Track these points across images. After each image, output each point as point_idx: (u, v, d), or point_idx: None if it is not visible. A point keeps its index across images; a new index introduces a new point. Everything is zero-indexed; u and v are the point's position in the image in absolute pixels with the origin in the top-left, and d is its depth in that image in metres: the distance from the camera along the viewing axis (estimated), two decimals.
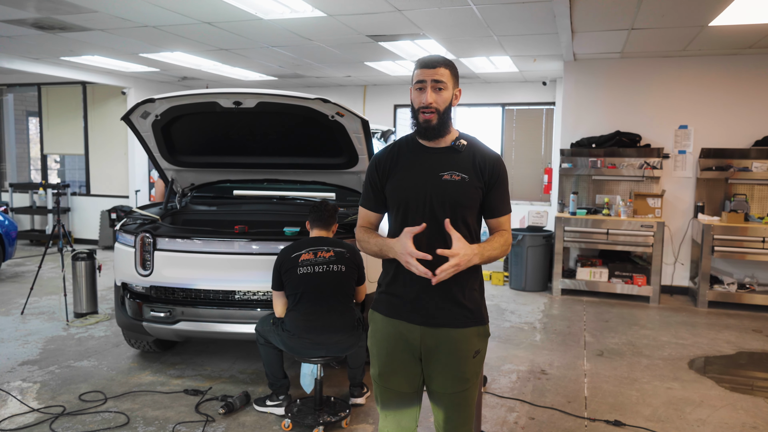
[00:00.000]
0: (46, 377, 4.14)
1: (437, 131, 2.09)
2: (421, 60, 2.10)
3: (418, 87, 2.08)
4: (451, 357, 2.10)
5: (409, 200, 2.11)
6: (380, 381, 2.19)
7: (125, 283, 4.12)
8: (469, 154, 2.13)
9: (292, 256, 3.38)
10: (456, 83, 2.13)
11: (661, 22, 5.14)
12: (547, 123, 9.09)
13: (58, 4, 4.83)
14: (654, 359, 4.75)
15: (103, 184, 9.93)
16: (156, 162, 4.57)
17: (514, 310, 6.17)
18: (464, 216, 2.10)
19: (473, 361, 2.14)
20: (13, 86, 10.31)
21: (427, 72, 2.06)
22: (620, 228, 6.54)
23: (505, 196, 2.17)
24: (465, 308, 2.10)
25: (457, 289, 2.08)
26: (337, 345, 3.34)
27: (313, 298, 3.34)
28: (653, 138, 6.92)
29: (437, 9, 4.80)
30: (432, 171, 2.10)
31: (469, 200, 2.09)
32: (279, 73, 8.68)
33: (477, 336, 2.14)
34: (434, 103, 2.06)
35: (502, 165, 2.17)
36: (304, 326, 3.31)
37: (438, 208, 2.07)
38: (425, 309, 2.09)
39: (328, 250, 3.42)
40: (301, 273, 3.34)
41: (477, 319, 2.13)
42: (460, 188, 2.08)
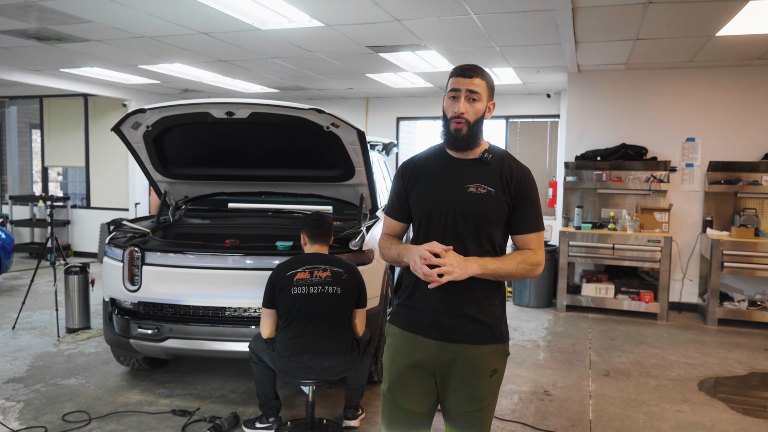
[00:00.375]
0: (30, 396, 4.00)
1: (466, 142, 2.04)
2: (459, 68, 2.05)
3: (451, 95, 2.04)
4: (467, 375, 2.03)
5: (432, 211, 2.06)
6: (390, 396, 2.11)
7: (113, 299, 4.00)
8: (497, 167, 2.07)
9: (287, 274, 3.23)
10: (491, 96, 2.08)
11: (667, 32, 5.01)
12: (551, 136, 8.96)
13: (53, 14, 4.76)
14: (662, 380, 4.57)
15: (104, 196, 9.86)
16: (148, 174, 4.46)
17: (517, 327, 5.99)
18: (488, 231, 2.04)
19: (490, 380, 2.06)
20: (16, 98, 10.29)
21: (463, 81, 2.01)
22: (626, 243, 6.37)
23: (533, 212, 2.08)
24: (483, 324, 2.03)
25: (476, 304, 2.02)
26: (328, 370, 3.18)
27: (305, 320, 3.18)
28: (660, 151, 6.77)
29: (437, 18, 4.70)
30: (457, 183, 2.05)
31: (494, 215, 2.03)
32: (280, 86, 8.61)
33: (495, 354, 2.06)
34: (466, 114, 2.01)
35: (531, 179, 2.10)
36: (294, 349, 3.16)
37: (461, 221, 2.02)
38: (442, 324, 2.03)
39: (325, 270, 3.25)
40: (295, 293, 3.19)
41: (496, 336, 2.06)
42: (485, 202, 2.02)
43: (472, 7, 4.39)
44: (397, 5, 4.34)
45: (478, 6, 4.35)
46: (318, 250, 3.36)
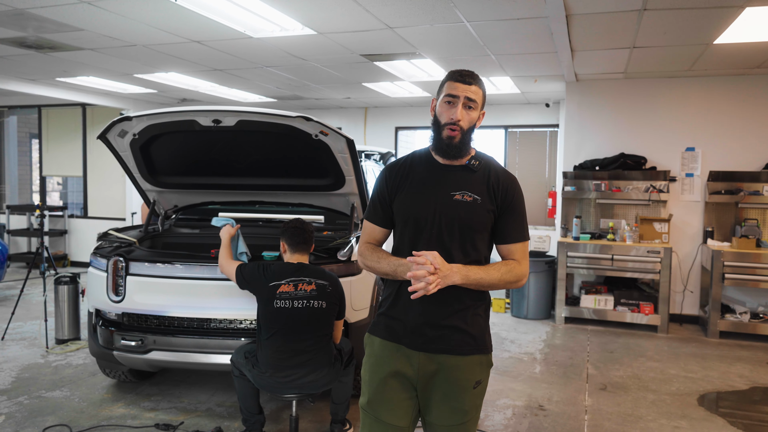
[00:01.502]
0: (12, 408, 3.92)
1: (458, 150, 1.99)
2: (458, 72, 1.98)
3: (447, 100, 1.96)
4: (449, 386, 1.98)
5: (417, 218, 2.00)
6: (369, 410, 2.03)
7: (98, 310, 3.92)
8: (484, 175, 2.02)
9: (270, 284, 3.15)
10: (484, 104, 2.04)
11: (664, 40, 4.95)
12: (551, 145, 8.88)
13: (44, 23, 4.73)
14: (661, 394, 4.46)
15: (101, 206, 9.82)
16: (136, 183, 4.40)
17: (514, 339, 5.89)
18: (473, 239, 1.99)
19: (473, 392, 2.00)
20: (15, 108, 10.29)
21: (462, 87, 1.95)
22: (626, 254, 6.27)
23: (519, 221, 2.04)
24: (467, 334, 1.98)
25: (460, 314, 1.97)
26: (311, 384, 3.10)
27: (287, 335, 3.09)
28: (659, 160, 6.69)
29: (429, 26, 4.64)
30: (443, 190, 2.00)
31: (480, 223, 1.99)
32: (278, 95, 8.57)
33: (479, 365, 2.01)
34: (461, 121, 1.95)
35: (517, 188, 2.06)
36: (276, 364, 3.07)
37: (446, 228, 1.97)
38: (425, 334, 1.97)
39: (310, 283, 3.16)
40: (278, 306, 3.09)
41: (480, 346, 2.01)
42: (471, 210, 1.97)
43: (464, 15, 4.34)
44: (388, 12, 4.29)
45: (470, 13, 4.29)
46: (299, 259, 3.28)
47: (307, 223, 3.40)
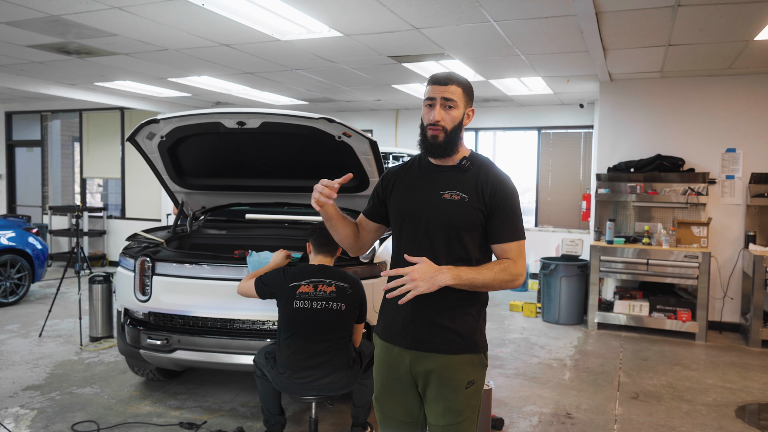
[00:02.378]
0: (45, 404, 4.03)
1: (443, 149, 2.03)
2: (433, 76, 2.05)
3: (428, 104, 2.04)
4: (442, 386, 2.01)
5: (406, 216, 2.07)
6: (378, 405, 2.16)
7: (126, 309, 4.00)
8: (474, 174, 2.05)
9: (290, 284, 3.15)
10: (469, 102, 2.07)
11: (700, 37, 4.77)
12: (585, 147, 8.70)
13: (79, 28, 4.86)
14: (696, 405, 4.29)
15: (138, 207, 10.05)
16: (165, 184, 4.48)
17: (544, 345, 5.76)
18: (461, 238, 2.00)
19: (466, 392, 2.01)
20: (58, 112, 10.64)
21: (438, 89, 2.02)
22: (662, 258, 6.08)
23: (512, 220, 2.04)
24: (455, 333, 2.00)
25: (447, 312, 1.99)
26: (329, 386, 3.08)
27: (305, 336, 3.08)
28: (698, 162, 6.46)
29: (456, 26, 4.59)
30: (433, 189, 2.05)
31: (467, 222, 2.00)
32: (309, 98, 8.63)
33: (471, 365, 2.02)
34: (442, 121, 2.00)
35: (507, 187, 2.05)
36: (294, 366, 3.06)
37: (433, 227, 2.02)
38: (413, 332, 2.02)
39: (330, 284, 3.14)
40: (297, 307, 3.09)
41: (469, 345, 2.02)
42: (459, 208, 2.00)
43: (491, 14, 4.27)
44: (413, 13, 4.26)
45: (496, 12, 4.22)
46: (322, 261, 3.27)
47: None
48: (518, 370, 4.98)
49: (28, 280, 7.12)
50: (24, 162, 11.20)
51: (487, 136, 9.46)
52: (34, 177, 11.05)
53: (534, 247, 8.69)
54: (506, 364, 5.13)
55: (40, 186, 10.99)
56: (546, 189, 8.97)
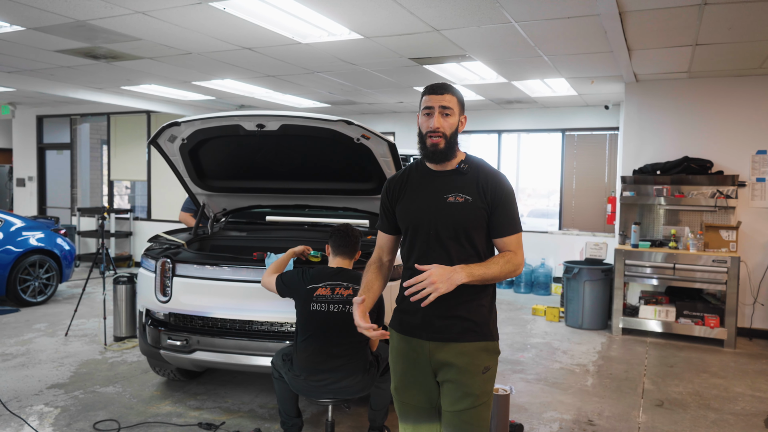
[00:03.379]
0: (68, 402, 4.10)
1: (444, 155, 2.16)
2: (429, 86, 2.18)
3: (426, 113, 2.16)
4: (459, 373, 2.12)
5: (416, 223, 2.18)
6: (397, 395, 2.27)
7: (148, 309, 4.05)
8: (474, 176, 2.18)
9: (307, 287, 3.15)
10: (462, 111, 2.22)
11: (729, 36, 4.66)
12: (610, 149, 8.56)
13: (104, 33, 4.95)
14: (723, 414, 4.17)
15: (164, 209, 10.20)
16: (187, 186, 4.52)
17: (566, 350, 5.67)
18: (470, 236, 2.14)
19: (483, 377, 2.14)
20: (86, 116, 10.86)
21: (435, 98, 2.14)
22: (689, 263, 5.94)
23: (510, 215, 2.18)
24: (470, 322, 2.13)
25: (462, 304, 2.12)
26: (345, 389, 3.07)
27: (322, 339, 3.08)
28: (727, 164, 6.30)
29: (477, 28, 4.56)
30: (437, 193, 2.17)
31: (474, 221, 2.14)
32: (331, 100, 8.66)
33: (485, 351, 2.16)
34: (441, 128, 2.13)
35: (505, 184, 2.20)
36: (311, 368, 3.06)
37: (443, 229, 2.13)
38: (433, 324, 2.14)
39: (347, 288, 3.13)
40: (314, 309, 3.09)
41: (484, 333, 2.16)
42: (464, 210, 2.13)
43: (511, 15, 4.23)
44: (433, 15, 4.24)
45: (517, 13, 4.18)
46: (340, 264, 3.26)
47: (353, 228, 3.38)
48: (539, 375, 4.90)
49: (56, 280, 7.27)
50: (54, 164, 11.46)
51: (510, 138, 9.37)
52: (64, 179, 11.30)
53: (558, 250, 8.58)
54: (527, 369, 5.06)
55: (69, 188, 11.23)
56: (570, 192, 8.85)
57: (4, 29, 4.93)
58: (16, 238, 6.89)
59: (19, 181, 11.61)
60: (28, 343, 5.49)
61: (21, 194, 11.63)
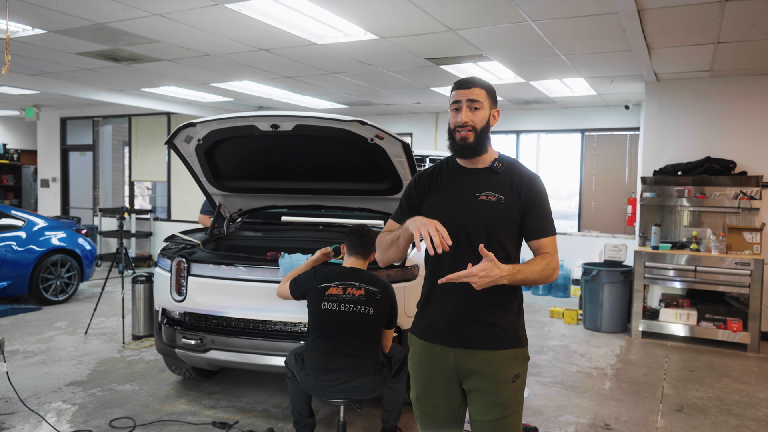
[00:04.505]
0: (86, 399, 4.15)
1: (473, 149, 2.08)
2: (457, 81, 2.12)
3: (454, 108, 2.10)
4: (488, 381, 2.04)
5: (445, 220, 2.04)
6: (418, 404, 2.18)
7: (164, 309, 4.08)
8: (507, 175, 2.11)
9: (319, 286, 3.15)
10: (493, 104, 2.13)
11: (752, 33, 4.56)
12: (631, 150, 8.43)
13: (123, 35, 5.02)
14: (745, 419, 4.08)
15: (183, 209, 10.31)
16: (203, 187, 4.56)
17: (584, 353, 5.60)
18: (500, 238, 2.07)
19: (513, 385, 2.06)
20: (109, 118, 11.03)
21: (462, 92, 2.08)
22: (711, 265, 5.82)
23: (546, 217, 2.12)
24: (500, 328, 2.05)
25: (491, 309, 2.04)
26: (356, 390, 3.06)
27: (333, 339, 3.07)
28: (750, 165, 6.17)
29: (492, 27, 4.52)
30: (468, 192, 2.10)
31: (506, 221, 2.07)
32: (349, 101, 8.67)
33: (515, 359, 2.08)
34: (470, 121, 2.06)
35: (540, 184, 2.13)
36: (321, 367, 3.06)
37: (473, 229, 2.05)
38: (457, 330, 2.06)
39: (360, 288, 3.12)
40: (325, 308, 3.09)
41: (514, 340, 2.08)
42: (497, 209, 2.06)
43: (528, 14, 4.19)
44: (448, 14, 4.22)
45: (533, 12, 4.14)
46: (354, 264, 3.25)
47: (369, 229, 3.37)
48: (556, 378, 4.84)
49: (77, 279, 7.38)
50: (77, 166, 11.67)
51: (529, 139, 9.29)
52: (87, 180, 11.49)
53: (577, 252, 8.48)
54: (544, 371, 5.00)
55: (92, 189, 11.41)
56: (589, 193, 8.74)
57: (27, 32, 5.02)
58: (39, 237, 7.01)
59: (43, 182, 11.84)
60: (49, 341, 5.58)
61: (45, 195, 11.85)
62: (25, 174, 12.69)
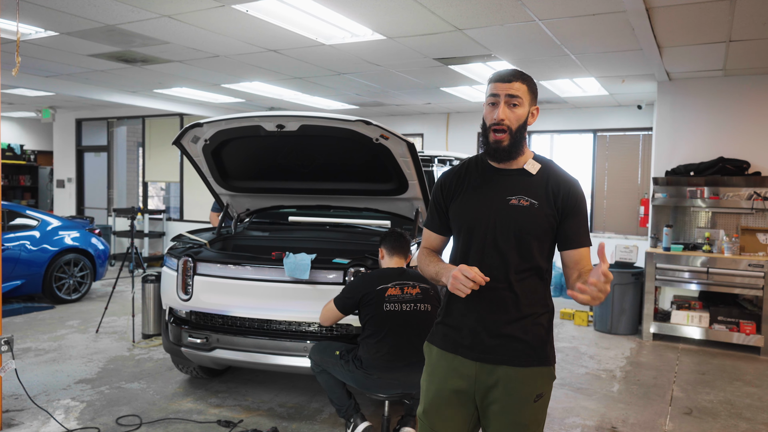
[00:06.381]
0: (94, 397, 4.20)
1: (508, 153, 1.93)
2: (496, 73, 1.95)
3: (490, 102, 1.93)
4: (509, 399, 1.90)
5: (472, 225, 1.95)
6: (425, 420, 2.01)
7: (171, 308, 4.11)
8: (543, 178, 1.95)
9: (377, 288, 3.20)
10: (534, 100, 1.96)
11: (764, 31, 4.49)
12: (644, 150, 8.35)
13: (133, 37, 5.07)
14: (756, 423, 4.01)
15: (195, 210, 10.38)
16: (210, 187, 4.59)
17: (594, 355, 5.55)
18: (530, 245, 1.90)
19: (534, 405, 1.92)
20: (123, 119, 11.15)
21: (501, 86, 1.90)
22: (723, 267, 5.74)
23: (585, 225, 1.96)
24: (527, 344, 1.90)
25: (519, 322, 1.89)
26: (415, 384, 3.11)
27: (398, 337, 3.15)
28: (765, 165, 6.07)
29: (500, 26, 4.50)
30: (499, 195, 1.94)
31: (538, 228, 1.90)
32: (359, 102, 8.68)
33: (540, 377, 1.93)
34: (506, 120, 1.89)
35: (578, 190, 1.97)
36: (386, 366, 3.13)
37: (501, 234, 1.90)
38: (482, 343, 1.91)
39: (414, 286, 3.23)
40: (388, 310, 3.16)
41: (541, 358, 1.92)
42: (528, 215, 1.90)
43: (535, 13, 4.16)
44: (455, 14, 4.21)
45: (540, 11, 4.11)
46: (398, 264, 3.36)
47: (404, 233, 3.50)
48: (564, 380, 4.80)
49: (89, 278, 7.47)
50: (92, 166, 11.81)
51: (540, 139, 9.23)
52: (101, 181, 11.62)
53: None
54: None
55: (106, 189, 11.54)
56: (601, 194, 8.66)
57: (39, 34, 5.09)
58: (52, 237, 7.10)
59: (59, 182, 12.00)
60: (61, 339, 5.65)
61: (61, 195, 12.01)
62: (41, 174, 12.87)
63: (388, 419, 3.29)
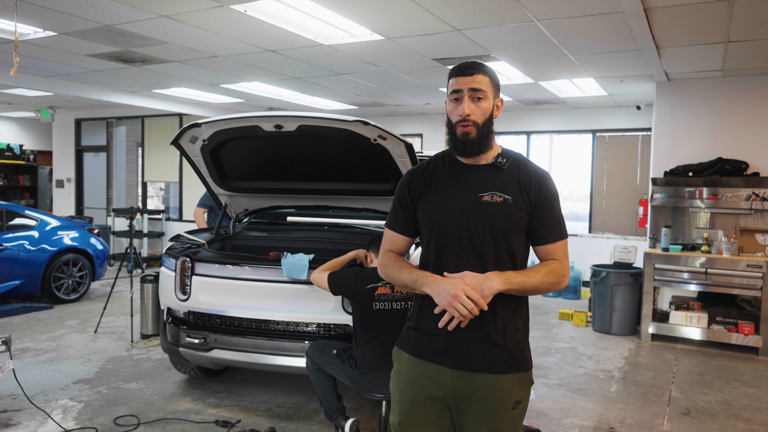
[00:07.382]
0: (92, 397, 4.20)
1: (477, 146, 1.85)
2: (456, 67, 1.87)
3: (453, 98, 1.85)
4: (486, 407, 1.83)
5: (444, 225, 1.86)
6: (401, 430, 1.91)
7: (169, 308, 4.11)
8: (513, 173, 1.88)
9: (367, 286, 3.20)
10: (497, 92, 1.90)
11: (762, 32, 4.49)
12: (643, 150, 8.35)
13: (132, 37, 5.07)
14: (754, 424, 4.01)
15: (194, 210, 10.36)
16: (209, 187, 4.59)
17: (592, 355, 5.55)
18: (508, 243, 1.84)
19: (512, 412, 1.86)
20: (122, 119, 11.15)
21: (464, 80, 1.82)
22: (722, 267, 5.74)
23: (556, 219, 1.90)
24: (505, 350, 1.84)
25: (497, 328, 1.83)
26: None
27: (388, 336, 3.12)
28: (763, 165, 6.08)
29: (498, 27, 4.50)
30: (470, 192, 1.86)
31: (514, 225, 1.84)
32: (358, 102, 8.68)
33: (519, 384, 1.87)
34: (472, 115, 1.82)
35: (550, 183, 1.91)
36: (379, 365, 3.13)
37: (476, 233, 1.83)
38: (458, 350, 1.83)
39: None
40: (377, 308, 3.17)
41: (519, 364, 1.87)
42: (503, 211, 1.83)
43: (533, 13, 4.16)
44: (453, 14, 4.21)
45: (538, 11, 4.11)
46: None
47: None
48: (562, 380, 4.81)
49: (88, 278, 7.47)
50: (91, 166, 11.81)
51: (540, 140, 9.23)
52: (101, 181, 11.62)
53: (587, 254, 8.40)
54: (550, 373, 4.96)
55: (106, 189, 11.54)
56: (600, 194, 8.67)
57: (38, 34, 5.09)
58: (51, 237, 7.10)
59: (58, 182, 12.00)
60: (59, 339, 5.65)
61: (60, 195, 12.01)
62: (40, 174, 12.88)
63: (385, 419, 3.30)
